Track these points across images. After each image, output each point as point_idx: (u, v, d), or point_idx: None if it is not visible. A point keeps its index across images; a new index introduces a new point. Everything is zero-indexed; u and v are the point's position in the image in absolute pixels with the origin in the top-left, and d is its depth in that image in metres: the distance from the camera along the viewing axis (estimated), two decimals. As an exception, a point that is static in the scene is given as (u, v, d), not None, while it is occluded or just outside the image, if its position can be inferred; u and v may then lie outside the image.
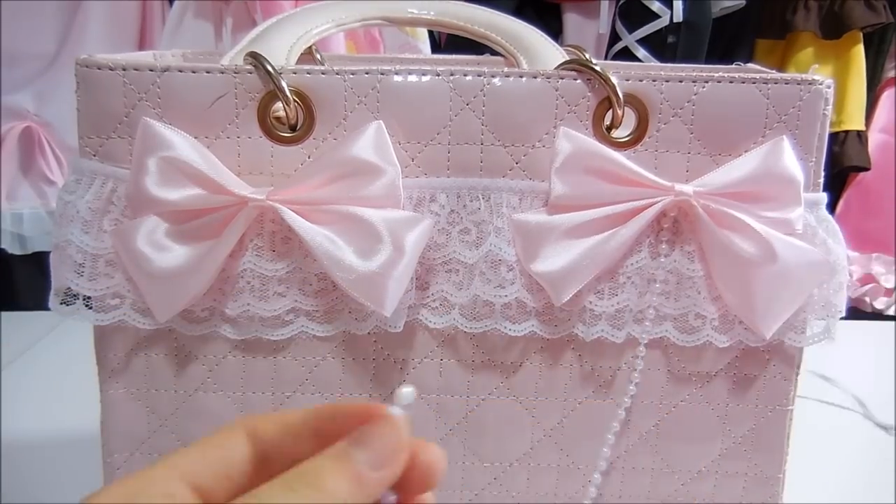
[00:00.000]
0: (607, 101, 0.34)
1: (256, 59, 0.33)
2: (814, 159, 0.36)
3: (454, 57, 0.49)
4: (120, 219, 0.34)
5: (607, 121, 0.35)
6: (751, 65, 0.43)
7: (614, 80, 0.34)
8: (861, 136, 1.14)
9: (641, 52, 1.01)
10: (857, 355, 0.71)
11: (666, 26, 1.00)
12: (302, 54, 0.38)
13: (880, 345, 0.74)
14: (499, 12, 0.41)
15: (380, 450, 0.18)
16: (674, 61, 0.96)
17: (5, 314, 0.78)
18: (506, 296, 0.35)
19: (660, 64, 0.80)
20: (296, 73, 0.34)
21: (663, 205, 0.34)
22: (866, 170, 1.15)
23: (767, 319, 0.35)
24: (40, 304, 0.38)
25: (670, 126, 0.35)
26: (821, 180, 0.36)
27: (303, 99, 0.34)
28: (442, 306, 0.36)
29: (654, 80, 0.34)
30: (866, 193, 1.19)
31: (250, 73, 0.34)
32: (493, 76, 0.34)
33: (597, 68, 0.34)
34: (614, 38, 1.05)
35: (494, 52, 0.42)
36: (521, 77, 0.34)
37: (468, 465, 0.39)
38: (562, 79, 0.34)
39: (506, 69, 0.35)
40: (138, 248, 0.33)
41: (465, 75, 0.34)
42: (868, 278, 1.20)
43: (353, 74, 0.34)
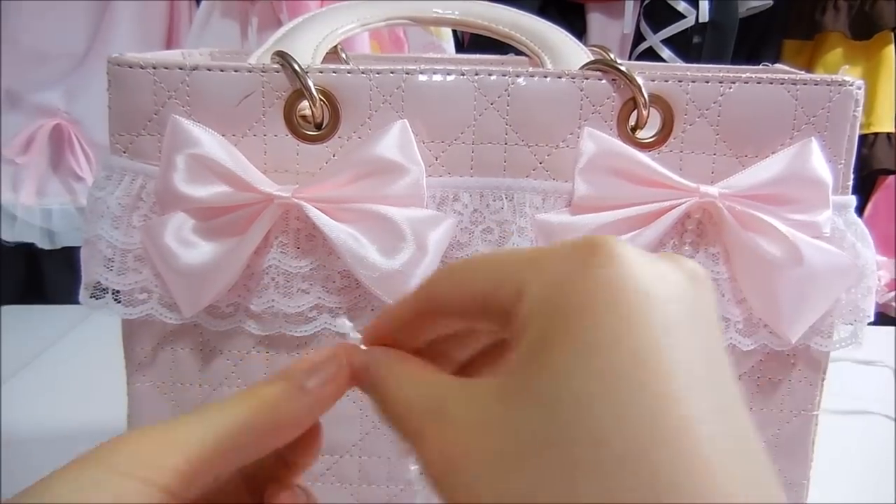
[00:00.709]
0: (632, 102, 0.34)
1: (284, 58, 0.34)
2: (843, 162, 0.35)
3: (478, 56, 0.49)
4: (149, 215, 0.35)
5: (632, 121, 0.35)
6: (778, 65, 0.43)
7: (640, 80, 0.34)
8: (891, 139, 1.11)
9: (666, 52, 1.00)
10: (883, 361, 0.69)
11: (691, 26, 0.99)
12: (327, 54, 0.39)
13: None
14: (523, 12, 0.41)
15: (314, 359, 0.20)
16: (699, 62, 0.95)
17: (34, 308, 0.79)
18: (528, 296, 0.34)
19: (685, 64, 0.79)
20: (322, 72, 0.34)
21: (688, 206, 0.34)
22: (896, 173, 1.13)
23: (793, 323, 0.35)
24: (68, 298, 0.39)
25: (696, 127, 0.35)
26: (850, 183, 0.36)
27: (328, 98, 0.34)
28: (464, 305, 0.36)
29: (680, 81, 0.34)
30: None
31: (277, 72, 0.34)
32: (518, 76, 0.34)
33: (622, 68, 0.34)
34: (638, 38, 1.04)
35: (519, 52, 0.41)
36: (546, 77, 0.34)
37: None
38: (586, 79, 0.34)
39: (530, 69, 0.35)
40: (166, 244, 0.33)
41: (490, 75, 0.34)
42: (896, 283, 1.18)
43: (378, 74, 0.34)
